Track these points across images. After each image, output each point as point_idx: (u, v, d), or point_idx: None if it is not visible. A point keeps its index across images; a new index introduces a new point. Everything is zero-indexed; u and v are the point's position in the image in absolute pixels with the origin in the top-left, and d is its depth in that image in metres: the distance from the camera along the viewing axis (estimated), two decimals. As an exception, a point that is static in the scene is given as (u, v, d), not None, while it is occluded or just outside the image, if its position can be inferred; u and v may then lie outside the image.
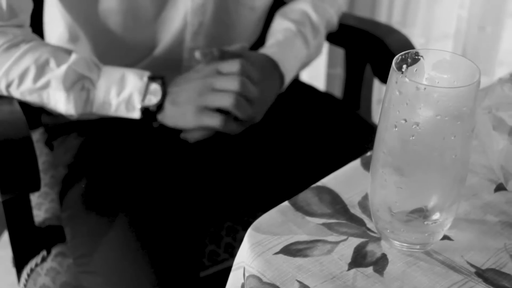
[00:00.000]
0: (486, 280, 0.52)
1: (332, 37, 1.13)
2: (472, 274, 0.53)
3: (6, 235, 0.90)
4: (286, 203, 0.60)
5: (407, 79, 0.48)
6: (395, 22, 1.42)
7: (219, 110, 0.87)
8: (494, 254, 0.54)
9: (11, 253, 0.89)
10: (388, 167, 0.52)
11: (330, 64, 1.53)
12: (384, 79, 1.12)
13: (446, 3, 1.35)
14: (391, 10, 1.43)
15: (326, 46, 1.52)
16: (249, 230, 0.57)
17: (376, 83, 1.21)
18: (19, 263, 0.89)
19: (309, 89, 1.12)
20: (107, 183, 0.89)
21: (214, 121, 0.86)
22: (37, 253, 0.89)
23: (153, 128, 0.91)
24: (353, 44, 1.16)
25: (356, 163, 0.66)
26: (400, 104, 0.49)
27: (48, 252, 0.89)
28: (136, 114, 0.88)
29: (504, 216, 0.59)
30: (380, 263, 0.54)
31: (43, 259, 0.89)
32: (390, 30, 1.16)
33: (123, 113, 0.88)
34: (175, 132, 0.91)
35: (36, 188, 0.85)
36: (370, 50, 1.13)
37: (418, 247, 0.55)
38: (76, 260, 0.86)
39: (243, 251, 0.56)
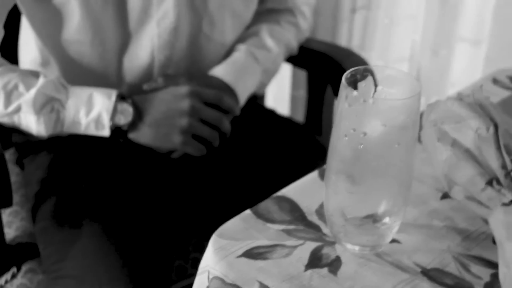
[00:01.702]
0: (430, 278, 0.56)
1: (295, 60, 1.18)
2: (418, 273, 0.57)
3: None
4: (248, 211, 0.64)
5: (355, 93, 0.52)
6: (355, 45, 1.48)
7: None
8: (438, 255, 0.59)
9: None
10: (340, 174, 0.56)
11: (294, 86, 1.58)
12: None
13: (401, 29, 1.41)
14: (350, 35, 1.49)
15: (290, 69, 1.57)
16: (213, 236, 0.61)
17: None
18: (-11, 280, 0.91)
19: (271, 114, 1.17)
20: (79, 196, 0.91)
21: (197, 150, 0.92)
22: (7, 270, 0.91)
23: (122, 144, 0.95)
24: (315, 67, 1.21)
25: (314, 175, 0.70)
26: (350, 116, 0.53)
27: (19, 269, 0.91)
28: (105, 132, 0.91)
29: (449, 221, 0.63)
30: (334, 264, 0.58)
31: (13, 276, 0.90)
32: (349, 53, 1.22)
33: (92, 131, 0.91)
34: (143, 149, 0.94)
35: (9, 203, 0.87)
36: (331, 72, 1.18)
37: (369, 249, 0.59)
38: (48, 267, 0.88)
39: (208, 255, 0.59)
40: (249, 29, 1.08)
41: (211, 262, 0.58)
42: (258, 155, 1.04)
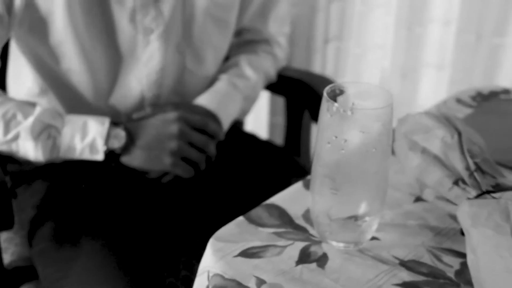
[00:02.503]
0: (407, 268, 0.62)
1: (274, 87, 1.25)
2: (397, 264, 0.63)
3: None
4: (241, 217, 0.70)
5: (336, 105, 0.59)
6: (328, 73, 1.56)
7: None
8: (413, 249, 0.65)
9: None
10: (325, 178, 0.62)
11: (272, 113, 1.65)
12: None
13: (371, 57, 1.50)
14: (324, 64, 1.57)
15: (267, 97, 1.65)
16: (211, 240, 0.66)
17: (314, 127, 1.33)
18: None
19: (252, 138, 1.24)
20: (77, 218, 0.96)
21: (186, 171, 0.98)
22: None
23: (114, 169, 1.00)
24: (292, 93, 1.29)
25: (299, 185, 0.76)
26: (332, 125, 0.60)
27: (17, 291, 0.96)
28: (99, 157, 0.96)
29: (422, 220, 0.70)
30: (322, 260, 0.64)
31: (12, 297, 0.95)
32: (324, 80, 1.30)
33: (87, 156, 0.96)
34: (134, 173, 1.00)
35: (11, 225, 0.92)
36: (307, 98, 1.25)
37: (352, 245, 0.65)
38: (48, 287, 0.92)
39: (206, 257, 0.65)
40: (229, 60, 1.15)
41: (210, 262, 0.64)
42: (242, 176, 1.10)
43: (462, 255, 0.64)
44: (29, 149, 0.94)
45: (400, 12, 1.37)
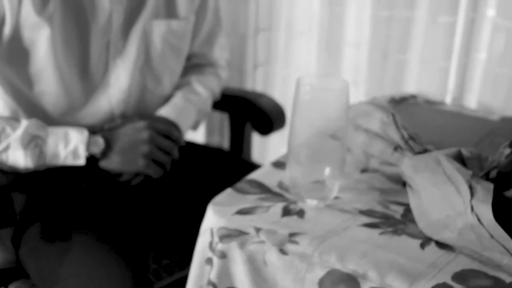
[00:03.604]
0: (365, 214, 0.79)
1: (218, 105, 1.41)
2: (357, 213, 0.80)
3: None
4: (229, 189, 0.85)
5: (308, 88, 0.76)
6: (258, 90, 1.74)
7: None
8: (367, 203, 0.82)
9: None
10: (300, 150, 0.79)
11: (209, 133, 1.81)
12: (262, 132, 1.42)
13: (296, 76, 1.70)
14: (254, 84, 1.76)
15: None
16: (211, 205, 0.81)
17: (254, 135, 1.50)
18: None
19: (204, 146, 1.40)
20: (61, 219, 1.06)
21: (156, 172, 1.11)
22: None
23: (91, 175, 1.12)
24: (235, 108, 1.45)
25: (269, 165, 0.93)
26: (303, 108, 0.77)
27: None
28: (81, 161, 1.07)
29: (369, 184, 0.87)
30: (300, 213, 0.80)
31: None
32: (259, 94, 1.48)
33: (70, 161, 1.07)
34: (108, 177, 1.11)
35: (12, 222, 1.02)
36: (249, 111, 1.42)
37: (321, 202, 0.81)
38: (42, 279, 1.02)
39: (208, 219, 0.79)
40: (181, 80, 1.30)
41: (213, 221, 0.78)
42: (201, 175, 1.24)
43: (404, 204, 0.82)
44: (19, 158, 1.04)
45: (320, 37, 1.58)
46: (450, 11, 1.39)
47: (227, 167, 1.29)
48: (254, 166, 1.26)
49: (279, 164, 0.92)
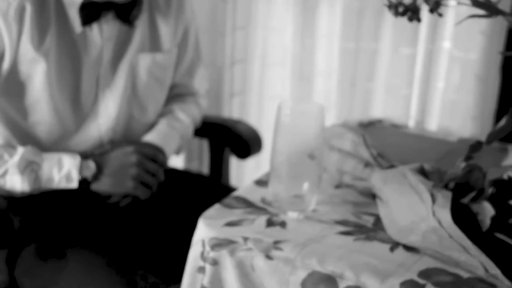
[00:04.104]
0: (340, 224, 0.87)
1: (198, 132, 1.49)
2: (333, 223, 0.88)
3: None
4: (217, 205, 0.93)
5: (287, 111, 0.85)
6: (235, 117, 1.83)
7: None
8: (342, 214, 0.90)
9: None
10: (281, 167, 0.87)
11: (188, 159, 1.88)
12: (240, 155, 1.50)
13: (271, 104, 1.79)
14: (231, 113, 1.85)
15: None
16: (201, 219, 0.88)
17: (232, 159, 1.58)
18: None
19: (185, 172, 1.47)
20: (56, 239, 1.12)
21: (144, 193, 1.18)
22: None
23: (82, 197, 1.18)
24: (215, 135, 1.54)
25: (252, 184, 1.01)
26: (283, 129, 0.86)
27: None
28: (74, 185, 1.13)
29: (343, 198, 0.96)
30: (282, 224, 0.87)
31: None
32: (237, 121, 1.57)
33: (64, 185, 1.13)
34: (98, 200, 1.18)
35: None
36: (228, 137, 1.51)
37: (301, 214, 0.90)
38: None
39: (200, 231, 0.86)
40: (164, 108, 1.38)
41: (204, 233, 0.86)
42: (182, 200, 1.32)
43: (375, 215, 0.90)
44: (17, 183, 1.10)
45: (293, 67, 1.68)
46: (410, 43, 1.51)
47: (207, 191, 1.37)
48: (232, 190, 1.34)
49: (260, 182, 1.01)
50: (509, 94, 1.43)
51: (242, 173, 1.91)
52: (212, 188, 1.39)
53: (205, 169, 1.88)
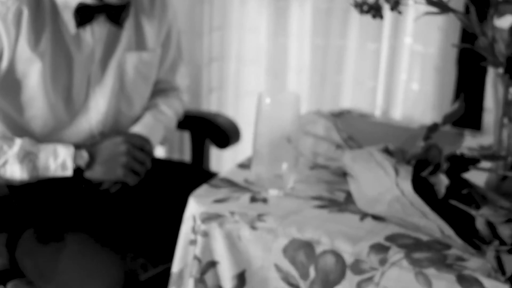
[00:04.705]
0: (316, 199, 0.97)
1: (180, 124, 1.57)
2: (310, 198, 0.97)
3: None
4: (204, 185, 1.01)
5: (268, 100, 0.94)
6: (213, 110, 1.92)
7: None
8: (317, 191, 1.00)
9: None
10: (263, 150, 0.96)
11: (170, 151, 1.96)
12: (220, 145, 1.59)
13: (247, 100, 1.89)
14: (209, 107, 1.93)
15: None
16: (192, 197, 0.96)
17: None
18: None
19: (167, 161, 1.55)
20: (50, 223, 1.20)
21: (133, 179, 1.25)
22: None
23: (76, 185, 1.25)
24: (196, 127, 1.62)
25: (234, 167, 1.10)
26: (264, 116, 0.95)
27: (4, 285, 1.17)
28: (69, 173, 1.19)
29: (317, 178, 1.05)
30: (264, 200, 0.96)
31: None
32: (216, 114, 1.65)
33: (59, 173, 1.19)
34: (91, 187, 1.25)
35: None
36: (208, 129, 1.59)
37: (281, 192, 0.99)
38: (40, 275, 1.15)
39: (190, 208, 0.95)
40: (149, 102, 1.46)
41: (195, 209, 0.94)
42: (168, 185, 1.40)
43: (346, 191, 1.00)
44: (16, 171, 1.17)
45: (267, 65, 1.78)
46: (375, 39, 1.61)
47: (191, 177, 1.45)
48: (213, 175, 1.43)
49: (243, 166, 1.09)
50: (464, 84, 1.55)
51: (221, 160, 1.99)
52: (195, 174, 1.47)
53: (186, 159, 1.96)
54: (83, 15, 1.19)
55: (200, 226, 0.92)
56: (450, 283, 0.78)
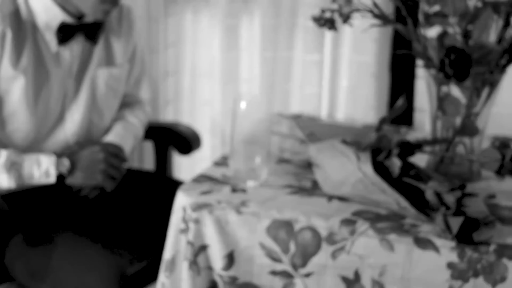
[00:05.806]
0: (288, 187, 1.10)
1: (144, 134, 1.66)
2: (283, 187, 1.10)
3: None
4: (189, 181, 1.12)
5: (243, 103, 1.07)
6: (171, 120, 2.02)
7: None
8: (287, 180, 1.13)
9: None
10: (238, 147, 1.09)
11: (130, 160, 2.04)
12: (183, 152, 1.69)
13: (202, 109, 2.00)
14: (165, 116, 2.04)
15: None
16: (180, 191, 1.06)
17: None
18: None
19: (136, 171, 1.65)
20: (38, 227, 1.27)
21: (111, 185, 1.33)
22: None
23: (58, 192, 1.33)
24: (159, 136, 1.72)
25: (211, 166, 1.21)
26: (239, 118, 1.07)
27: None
28: (52, 180, 1.27)
29: (285, 171, 1.18)
30: (244, 191, 1.08)
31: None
32: (177, 124, 1.76)
33: (43, 180, 1.27)
34: (71, 193, 1.33)
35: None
36: (170, 137, 1.69)
37: (256, 182, 1.11)
38: (32, 276, 1.22)
39: (180, 200, 1.05)
40: (118, 114, 1.55)
41: (184, 200, 1.05)
42: (136, 192, 1.50)
43: (312, 179, 1.13)
44: (3, 180, 1.24)
45: (220, 76, 1.90)
46: (317, 50, 1.77)
47: (157, 184, 1.55)
48: (177, 182, 1.53)
49: (218, 163, 1.21)
50: (397, 87, 1.73)
51: (180, 170, 2.09)
52: (160, 181, 1.58)
53: (147, 167, 2.04)
54: (65, 34, 1.28)
55: (191, 214, 1.03)
56: (408, 245, 0.93)
